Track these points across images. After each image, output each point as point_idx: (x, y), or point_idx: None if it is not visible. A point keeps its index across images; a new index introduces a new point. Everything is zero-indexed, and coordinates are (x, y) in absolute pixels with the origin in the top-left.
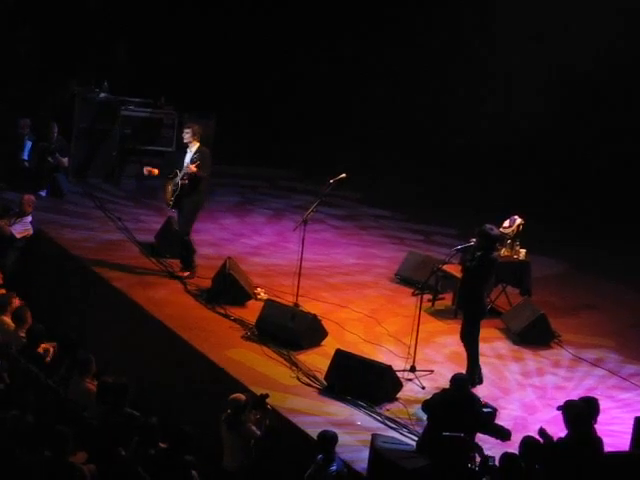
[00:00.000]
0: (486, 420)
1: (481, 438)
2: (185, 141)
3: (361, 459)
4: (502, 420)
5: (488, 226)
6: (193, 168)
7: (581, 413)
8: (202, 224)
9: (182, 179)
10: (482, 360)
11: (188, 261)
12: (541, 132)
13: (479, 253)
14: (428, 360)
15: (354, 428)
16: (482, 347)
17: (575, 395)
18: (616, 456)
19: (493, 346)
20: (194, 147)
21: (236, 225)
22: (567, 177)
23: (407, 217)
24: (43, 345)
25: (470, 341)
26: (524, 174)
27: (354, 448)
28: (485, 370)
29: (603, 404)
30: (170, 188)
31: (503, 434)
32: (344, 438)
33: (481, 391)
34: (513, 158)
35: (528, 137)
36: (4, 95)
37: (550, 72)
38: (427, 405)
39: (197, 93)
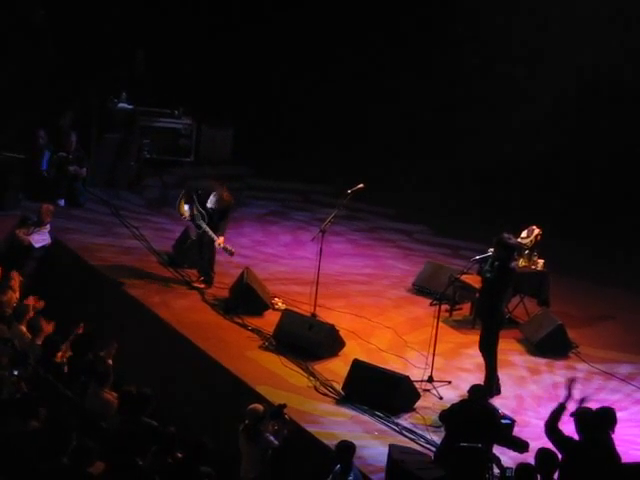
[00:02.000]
0: (504, 431)
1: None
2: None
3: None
4: (520, 431)
5: (505, 235)
6: (218, 245)
7: (591, 420)
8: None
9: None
10: (500, 370)
11: (207, 274)
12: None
13: (497, 263)
14: (446, 370)
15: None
16: (500, 357)
17: (593, 405)
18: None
19: (511, 356)
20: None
21: (256, 234)
22: (586, 189)
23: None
24: (60, 354)
25: (488, 351)
26: (544, 187)
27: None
28: (503, 381)
29: (622, 415)
30: (184, 209)
31: (520, 446)
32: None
33: (499, 402)
34: (535, 172)
35: (551, 151)
36: (24, 105)
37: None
38: (444, 416)
39: (215, 103)
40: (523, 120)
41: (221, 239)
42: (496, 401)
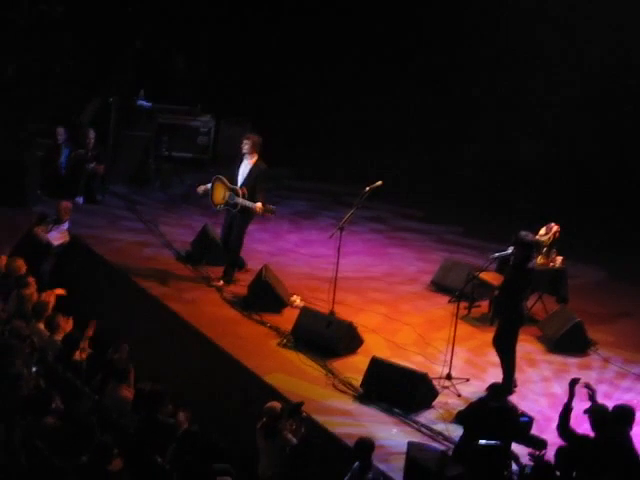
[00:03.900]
0: (522, 429)
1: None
2: (243, 152)
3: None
4: (544, 428)
5: (523, 233)
6: (259, 210)
7: (604, 417)
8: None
9: (242, 198)
10: (521, 369)
11: (230, 272)
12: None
13: (516, 261)
14: (465, 368)
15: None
16: (520, 355)
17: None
18: None
19: (532, 354)
20: (252, 159)
21: (279, 232)
22: (604, 182)
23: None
24: (78, 351)
25: (507, 349)
26: (560, 180)
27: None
28: (524, 379)
29: None
30: (223, 193)
31: (539, 443)
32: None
33: (520, 399)
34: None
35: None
36: (43, 102)
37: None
38: (462, 415)
39: (235, 101)
40: (553, 118)
41: (258, 204)
42: (516, 399)
